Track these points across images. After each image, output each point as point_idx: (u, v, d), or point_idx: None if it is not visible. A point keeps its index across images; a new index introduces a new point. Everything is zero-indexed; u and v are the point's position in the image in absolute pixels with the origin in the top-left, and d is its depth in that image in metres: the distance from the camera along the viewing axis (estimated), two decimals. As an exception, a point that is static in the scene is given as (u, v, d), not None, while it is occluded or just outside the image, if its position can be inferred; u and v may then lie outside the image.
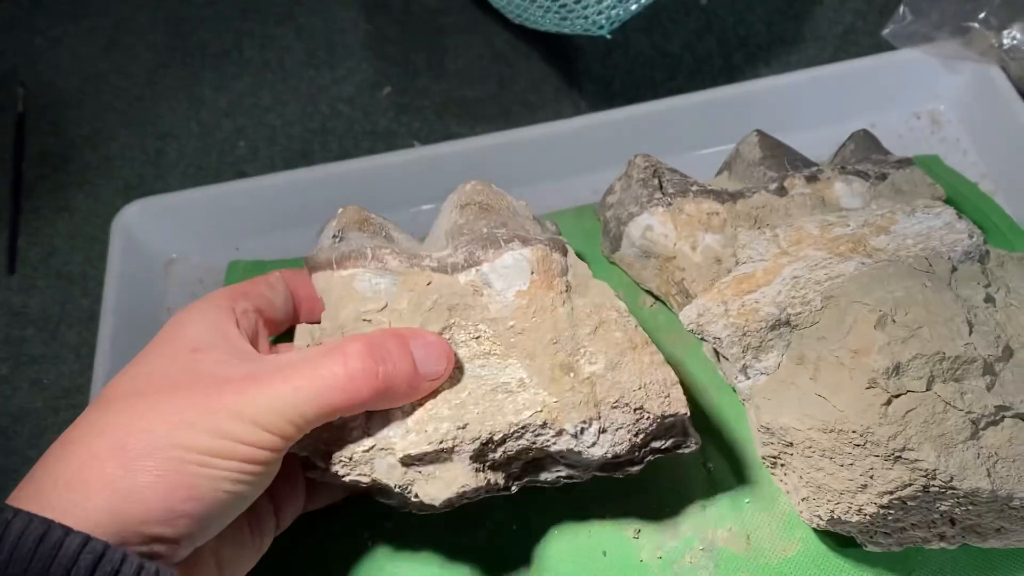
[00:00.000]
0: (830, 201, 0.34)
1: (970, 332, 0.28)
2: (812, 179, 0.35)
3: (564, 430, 0.28)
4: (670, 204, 0.34)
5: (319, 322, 0.32)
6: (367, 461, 0.29)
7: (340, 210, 0.34)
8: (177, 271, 0.50)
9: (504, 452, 0.29)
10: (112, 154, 0.56)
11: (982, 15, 0.48)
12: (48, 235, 0.53)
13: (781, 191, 0.34)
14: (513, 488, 0.31)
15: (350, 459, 0.29)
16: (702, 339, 0.31)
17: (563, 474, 0.31)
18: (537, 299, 0.30)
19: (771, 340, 0.30)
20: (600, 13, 0.42)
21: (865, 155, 0.37)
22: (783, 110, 0.50)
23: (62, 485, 0.23)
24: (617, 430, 0.29)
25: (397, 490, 0.29)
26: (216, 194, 0.49)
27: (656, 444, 0.30)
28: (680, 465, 0.33)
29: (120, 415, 0.25)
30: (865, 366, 0.27)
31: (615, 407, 0.29)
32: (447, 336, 0.30)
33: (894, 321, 0.28)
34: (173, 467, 0.24)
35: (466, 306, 0.30)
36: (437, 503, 0.28)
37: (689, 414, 0.29)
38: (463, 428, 0.28)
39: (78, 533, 0.22)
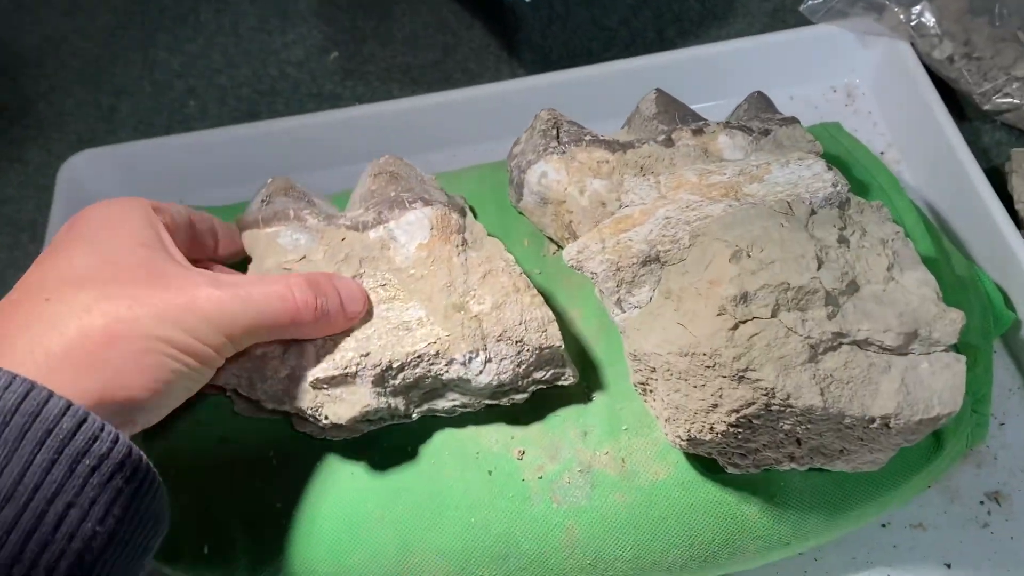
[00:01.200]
0: (713, 153, 0.36)
1: (819, 268, 0.31)
2: (698, 132, 0.37)
3: (454, 359, 0.32)
4: (564, 152, 0.36)
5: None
6: (284, 388, 0.32)
7: (269, 180, 0.39)
8: (122, 220, 0.52)
9: (403, 379, 0.32)
10: (66, 110, 0.58)
11: (893, -8, 0.50)
12: (1, 184, 0.55)
13: (668, 142, 0.36)
14: (414, 415, 0.35)
15: (270, 388, 0.32)
16: (582, 273, 0.33)
17: (458, 403, 0.34)
18: (435, 251, 0.34)
19: (643, 275, 0.33)
20: (520, -22, 0.44)
21: (756, 114, 0.40)
22: (707, 80, 0.53)
23: (53, 359, 0.24)
24: (501, 360, 0.33)
25: (310, 413, 0.32)
26: (161, 146, 0.52)
27: (538, 375, 0.34)
28: (565, 395, 0.35)
29: (102, 301, 0.26)
30: (717, 295, 0.30)
31: (499, 340, 0.32)
32: None
33: (749, 256, 0.31)
34: (155, 360, 0.26)
35: (374, 258, 0.34)
36: (343, 421, 0.32)
37: (563, 347, 0.33)
38: (365, 356, 0.32)
39: (61, 397, 0.23)
